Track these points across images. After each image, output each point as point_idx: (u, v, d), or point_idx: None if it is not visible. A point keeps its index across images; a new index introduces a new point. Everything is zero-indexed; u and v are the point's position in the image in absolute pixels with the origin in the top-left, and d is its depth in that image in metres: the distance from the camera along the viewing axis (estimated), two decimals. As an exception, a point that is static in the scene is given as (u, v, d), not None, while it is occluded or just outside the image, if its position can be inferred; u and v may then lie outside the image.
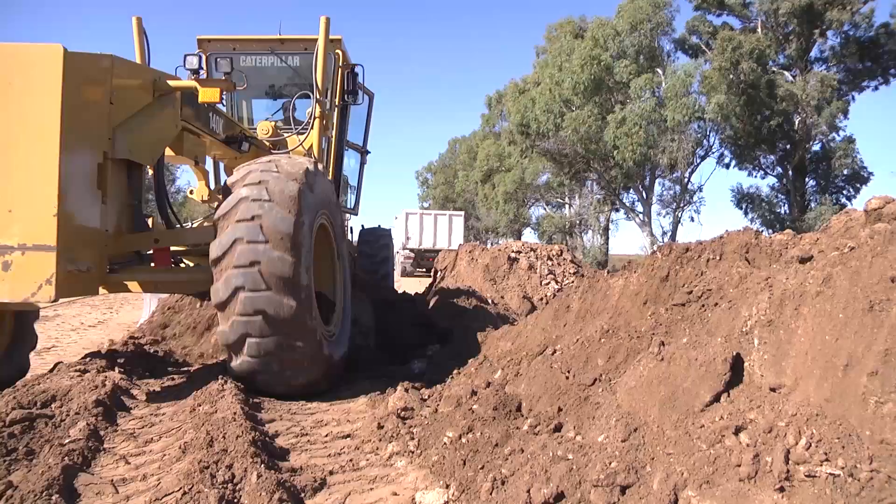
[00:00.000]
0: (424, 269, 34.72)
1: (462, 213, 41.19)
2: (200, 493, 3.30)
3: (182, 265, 7.21)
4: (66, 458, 3.83)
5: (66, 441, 4.11)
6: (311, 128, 8.43)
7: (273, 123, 8.50)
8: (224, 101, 9.24)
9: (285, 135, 8.70)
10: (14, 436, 4.10)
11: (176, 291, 8.44)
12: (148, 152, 5.90)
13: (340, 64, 9.20)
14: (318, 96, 8.30)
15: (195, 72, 6.33)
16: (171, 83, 6.10)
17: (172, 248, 6.58)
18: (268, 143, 8.49)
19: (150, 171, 6.68)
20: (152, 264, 6.25)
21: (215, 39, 9.22)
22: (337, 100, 9.27)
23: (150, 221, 6.51)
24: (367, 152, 11.48)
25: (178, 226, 7.25)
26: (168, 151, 6.59)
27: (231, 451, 3.79)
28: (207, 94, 6.16)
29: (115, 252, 5.70)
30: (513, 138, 38.23)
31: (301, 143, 8.25)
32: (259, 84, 9.55)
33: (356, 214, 11.91)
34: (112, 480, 3.72)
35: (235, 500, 3.32)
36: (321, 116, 8.42)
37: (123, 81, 5.50)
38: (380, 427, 4.73)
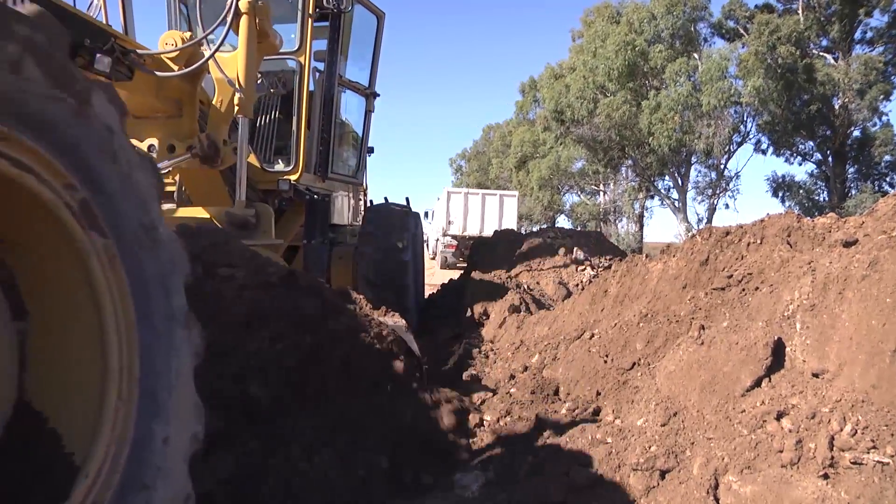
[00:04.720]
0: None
1: (515, 193, 34.48)
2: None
3: None
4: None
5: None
6: (226, 31, 4.84)
7: (184, 34, 5.06)
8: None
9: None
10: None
11: None
12: None
13: None
14: None
15: None
16: None
17: None
18: (175, 66, 4.94)
19: None
20: None
21: None
22: (311, 6, 6.33)
23: None
24: (375, 95, 8.18)
25: None
26: None
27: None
28: None
29: None
30: (547, 124, 37.94)
31: (206, 60, 4.77)
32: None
33: (360, 184, 8.68)
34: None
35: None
36: (252, 13, 4.94)
37: None
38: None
